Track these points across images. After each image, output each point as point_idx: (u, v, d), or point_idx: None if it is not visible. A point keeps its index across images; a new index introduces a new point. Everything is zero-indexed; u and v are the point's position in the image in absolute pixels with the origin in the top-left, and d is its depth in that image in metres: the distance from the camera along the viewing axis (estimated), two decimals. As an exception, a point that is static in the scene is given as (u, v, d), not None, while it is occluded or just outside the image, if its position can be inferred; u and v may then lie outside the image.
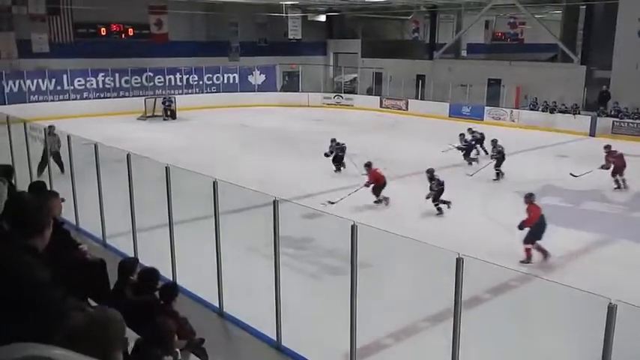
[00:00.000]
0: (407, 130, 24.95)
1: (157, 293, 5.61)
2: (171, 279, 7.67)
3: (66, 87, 27.52)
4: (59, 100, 27.10)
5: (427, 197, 12.98)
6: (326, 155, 16.44)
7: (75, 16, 27.60)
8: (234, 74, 32.62)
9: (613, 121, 23.54)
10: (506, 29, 39.70)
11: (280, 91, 33.79)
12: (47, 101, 26.63)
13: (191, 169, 9.20)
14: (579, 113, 24.76)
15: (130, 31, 29.88)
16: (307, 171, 16.83)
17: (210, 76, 31.96)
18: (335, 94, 33.35)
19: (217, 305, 7.53)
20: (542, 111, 25.76)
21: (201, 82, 31.74)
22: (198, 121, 26.70)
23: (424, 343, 7.42)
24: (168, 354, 4.61)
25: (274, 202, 6.49)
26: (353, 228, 5.70)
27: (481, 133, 19.10)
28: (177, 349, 5.09)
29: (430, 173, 13.25)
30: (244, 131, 24.30)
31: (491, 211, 13.52)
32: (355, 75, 34.79)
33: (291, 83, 34.01)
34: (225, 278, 7.49)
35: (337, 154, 16.71)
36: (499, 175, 16.35)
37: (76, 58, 27.46)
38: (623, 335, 4.39)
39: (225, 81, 32.39)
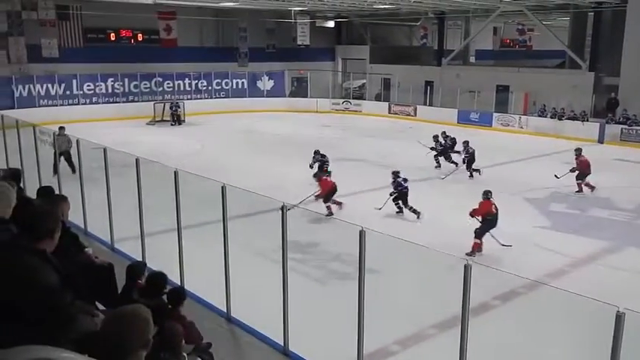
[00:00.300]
0: (415, 136, 24.90)
1: (164, 297, 5.62)
2: (179, 283, 7.69)
3: (75, 91, 27.72)
4: (68, 104, 27.30)
5: (390, 195, 13.32)
6: (310, 167, 16.24)
7: (84, 21, 27.81)
8: (243, 80, 32.74)
9: (622, 128, 23.44)
10: (514, 36, 39.71)
11: (289, 96, 33.87)
12: (57, 106, 26.82)
13: (200, 174, 9.23)
14: (588, 120, 24.66)
15: (140, 37, 30.07)
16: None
17: (219, 81, 32.10)
18: (343, 100, 33.40)
19: (225, 310, 7.54)
20: (551, 118, 25.68)
21: (210, 88, 31.87)
22: (206, 126, 26.79)
23: (431, 350, 7.39)
24: (175, 358, 4.62)
25: (282, 207, 6.51)
26: (361, 234, 5.70)
27: (453, 138, 19.21)
28: (185, 354, 5.09)
29: (394, 174, 13.51)
30: (252, 136, 24.37)
31: (499, 218, 13.44)
32: (364, 81, 34.84)
33: (300, 89, 34.09)
34: (232, 283, 7.50)
35: (321, 167, 16.10)
36: (472, 174, 17.12)
37: (85, 63, 27.65)
38: (631, 344, 4.37)
39: (234, 86, 32.52)
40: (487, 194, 11.44)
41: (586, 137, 23.84)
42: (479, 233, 10.94)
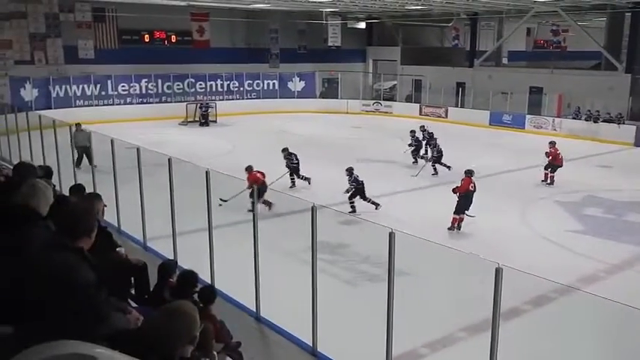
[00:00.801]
0: (446, 138, 24.69)
1: (195, 296, 5.69)
2: (209, 282, 7.77)
3: (110, 92, 28.24)
4: (103, 104, 27.85)
5: (345, 192, 13.50)
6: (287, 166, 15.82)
7: (120, 23, 28.33)
8: (274, 81, 32.92)
9: (660, 131, 22.88)
10: (548, 36, 38.98)
11: (319, 97, 33.93)
12: (92, 106, 27.38)
13: (231, 174, 9.31)
14: (624, 123, 24.11)
15: (173, 38, 30.48)
16: (345, 177, 16.81)
17: (251, 82, 32.34)
18: (374, 101, 33.30)
19: (254, 309, 7.60)
20: (586, 120, 25.19)
21: (241, 89, 32.14)
22: (238, 127, 27.02)
23: (460, 354, 7.33)
24: (206, 357, 4.67)
25: (312, 208, 6.53)
26: (391, 235, 5.68)
27: (431, 133, 19.33)
28: (215, 352, 5.15)
29: (349, 172, 13.77)
30: (283, 137, 24.44)
31: (531, 220, 13.28)
32: (394, 82, 34.68)
33: (331, 90, 34.12)
34: (262, 282, 7.55)
35: (289, 165, 15.71)
36: (436, 171, 17.63)
37: (120, 64, 28.17)
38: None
39: (265, 87, 32.73)
40: (469, 173, 12.75)
41: (622, 140, 23.34)
42: (457, 209, 12.33)
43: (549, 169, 16.65)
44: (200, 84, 30.78)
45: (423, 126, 20.08)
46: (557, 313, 8.34)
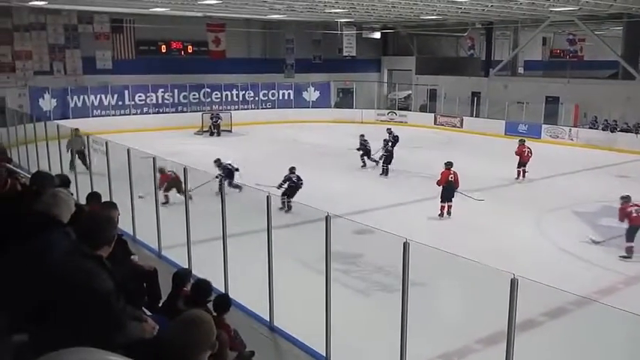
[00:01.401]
0: (461, 147, 24.61)
1: (209, 305, 5.70)
2: (223, 291, 7.78)
3: (127, 102, 28.53)
4: (120, 114, 28.12)
5: (278, 187, 13.82)
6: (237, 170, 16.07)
7: (137, 33, 28.67)
8: (289, 90, 33.06)
9: (679, 141, 22.58)
10: (564, 46, 38.77)
11: (334, 107, 33.98)
12: (109, 115, 27.68)
13: (245, 184, 9.35)
14: (642, 132, 23.86)
15: (189, 48, 30.76)
16: (359, 187, 16.83)
17: (266, 92, 32.51)
18: (389, 111, 33.28)
19: (268, 319, 7.59)
20: (603, 130, 24.96)
21: (256, 98, 32.30)
22: (253, 137, 27.13)
23: (476, 365, 7.26)
24: (219, 365, 4.67)
25: (326, 217, 6.52)
26: (405, 245, 5.66)
27: (396, 136, 19.83)
28: (228, 361, 5.15)
29: (290, 170, 14.41)
30: (297, 147, 24.52)
31: (547, 230, 13.16)
32: (409, 92, 34.65)
33: (345, 100, 34.18)
34: (276, 292, 7.55)
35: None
36: (386, 171, 18.65)
37: (137, 74, 28.47)
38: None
39: (280, 97, 32.87)
40: (448, 164, 14.31)
41: (640, 150, 23.09)
42: (442, 198, 13.91)
43: (520, 167, 18.10)
44: (216, 94, 30.99)
45: (390, 129, 20.67)
46: (574, 324, 8.23)
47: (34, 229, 3.40)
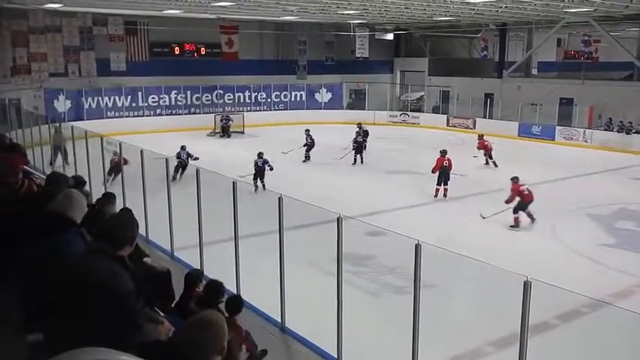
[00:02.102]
0: (474, 149, 24.47)
1: (221, 306, 5.71)
2: (234, 292, 7.80)
3: (140, 103, 28.71)
4: (134, 116, 28.29)
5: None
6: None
7: (151, 35, 28.86)
8: (302, 92, 33.09)
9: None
10: (579, 47, 38.52)
11: (346, 108, 33.95)
12: (123, 117, 27.85)
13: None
14: (658, 134, 23.61)
15: (202, 50, 30.87)
16: (371, 188, 16.80)
17: (278, 93, 32.55)
18: (401, 112, 33.19)
19: (279, 320, 7.60)
20: (618, 131, 24.71)
21: (269, 100, 32.36)
22: (265, 138, 27.12)
23: (488, 368, 7.21)
24: (230, 366, 4.68)
25: (338, 219, 6.52)
26: (417, 247, 5.64)
27: (366, 130, 22.17)
28: (240, 362, 5.16)
29: (258, 155, 16.58)
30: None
31: (561, 233, 13.05)
32: (422, 93, 34.53)
33: (358, 101, 34.14)
34: (287, 293, 7.55)
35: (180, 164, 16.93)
36: (358, 160, 20.70)
37: (150, 76, 28.65)
38: None
39: (293, 98, 32.91)
40: (443, 152, 16.23)
41: (656, 152, 22.84)
42: (437, 182, 15.79)
43: (486, 156, 20.38)
44: (228, 95, 31.08)
45: (360, 124, 22.74)
46: (589, 328, 8.15)
47: (49, 230, 3.44)
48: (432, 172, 15.87)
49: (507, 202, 13.40)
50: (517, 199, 13.37)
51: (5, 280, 3.36)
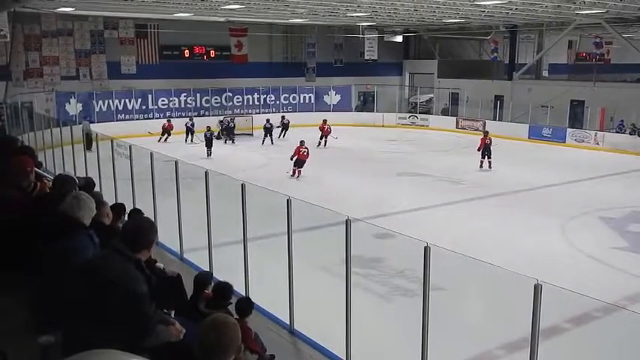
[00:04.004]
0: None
1: (230, 308, 5.71)
2: (243, 294, 7.79)
3: (150, 106, 28.84)
4: (144, 119, 28.40)
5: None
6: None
7: (161, 38, 28.99)
8: (310, 94, 33.10)
9: None
10: (590, 49, 38.32)
11: (355, 111, 33.94)
12: (133, 120, 27.99)
13: (266, 187, 9.37)
14: (670, 136, 23.38)
15: (212, 53, 30.94)
16: (380, 190, 16.76)
17: (287, 95, 32.59)
18: (410, 115, 33.13)
19: (288, 322, 7.58)
20: (630, 134, 24.51)
21: (278, 102, 32.40)
22: (274, 140, 27.16)
23: (498, 372, 7.15)
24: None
25: (347, 221, 6.50)
26: (426, 249, 5.60)
27: (287, 121, 26.72)
28: (248, 364, 5.15)
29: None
30: (318, 151, 24.52)
31: (573, 236, 12.94)
32: (431, 95, 34.45)
33: (367, 103, 34.11)
34: (296, 295, 7.53)
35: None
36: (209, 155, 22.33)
37: (160, 78, 28.76)
38: None
39: (302, 101, 32.93)
40: (485, 132, 19.91)
41: (669, 154, 22.62)
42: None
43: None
44: (237, 98, 31.15)
45: (284, 116, 27.47)
46: (601, 332, 8.07)
47: (59, 232, 3.45)
48: (478, 150, 20.14)
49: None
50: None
51: (20, 281, 3.38)
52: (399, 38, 35.95)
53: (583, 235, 12.98)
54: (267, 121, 26.47)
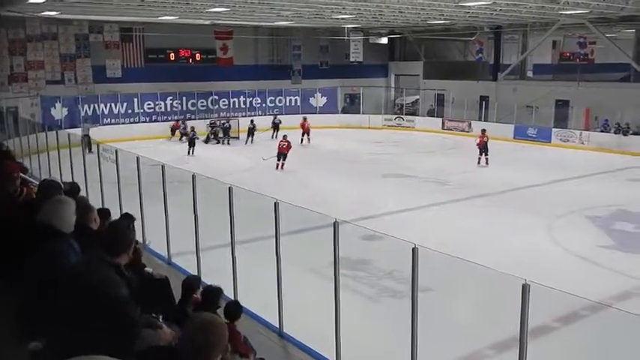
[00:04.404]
0: (470, 152, 24.47)
1: (218, 312, 5.67)
2: (232, 298, 7.75)
3: (136, 110, 28.67)
4: (130, 122, 28.23)
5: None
6: None
7: (146, 42, 28.84)
8: (296, 97, 33.11)
9: (691, 144, 22.34)
10: (574, 49, 38.68)
11: (341, 113, 33.98)
12: (119, 124, 27.80)
13: (253, 190, 9.34)
14: (655, 135, 23.64)
15: (197, 56, 30.86)
16: (367, 192, 16.77)
17: (273, 98, 32.57)
18: (396, 116, 33.23)
19: (277, 325, 7.56)
20: (615, 133, 24.76)
21: (264, 105, 32.36)
22: (260, 143, 27.13)
23: (488, 371, 7.17)
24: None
25: (334, 223, 6.49)
26: (414, 251, 5.61)
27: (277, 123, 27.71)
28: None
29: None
30: (305, 153, 24.52)
31: (559, 235, 13.04)
32: (417, 97, 34.58)
33: (352, 105, 34.19)
34: (285, 298, 7.51)
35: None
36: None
37: (146, 82, 28.61)
38: None
39: (288, 103, 32.92)
40: (483, 131, 21.40)
41: (653, 153, 22.87)
42: (479, 153, 20.91)
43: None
44: (223, 101, 31.08)
45: (276, 116, 28.35)
46: (589, 330, 8.13)
47: (36, 239, 3.39)
48: (477, 145, 21.80)
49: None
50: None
51: (4, 287, 3.33)
52: (384, 40, 36.05)
53: (569, 234, 13.07)
54: (252, 121, 27.45)
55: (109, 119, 27.87)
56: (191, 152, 23.56)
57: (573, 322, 8.44)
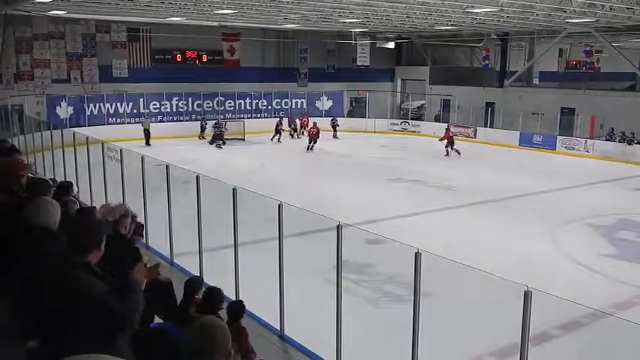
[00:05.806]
0: (475, 158, 24.45)
1: (220, 313, 5.68)
2: (234, 299, 7.75)
3: (142, 110, 28.73)
4: (135, 122, 28.28)
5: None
6: None
7: (153, 42, 28.93)
8: (302, 99, 33.14)
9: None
10: (581, 57, 38.63)
11: (347, 116, 33.99)
12: (124, 123, 27.86)
13: (258, 192, 9.35)
14: (660, 145, 23.57)
15: (204, 57, 30.93)
16: (371, 196, 16.78)
17: (279, 101, 32.61)
18: (401, 121, 33.23)
19: (278, 328, 7.56)
20: (620, 142, 24.69)
21: (269, 107, 32.40)
22: (266, 145, 27.19)
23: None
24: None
25: (338, 226, 6.49)
26: (417, 255, 5.61)
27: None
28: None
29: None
30: (310, 156, 24.56)
31: (562, 243, 13.01)
32: (422, 102, 34.58)
33: (358, 109, 34.20)
34: (286, 301, 7.52)
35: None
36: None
37: (152, 82, 28.69)
38: None
39: (293, 106, 32.95)
40: (447, 129, 22.34)
41: (658, 162, 22.80)
42: (445, 146, 22.96)
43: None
44: (229, 102, 31.13)
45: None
46: (590, 338, 8.11)
47: (19, 240, 3.38)
48: (440, 140, 24.40)
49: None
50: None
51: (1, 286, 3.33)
52: (391, 45, 36.11)
53: (573, 241, 13.05)
54: (280, 120, 28.97)
55: (114, 119, 27.95)
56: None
57: (575, 329, 8.42)
